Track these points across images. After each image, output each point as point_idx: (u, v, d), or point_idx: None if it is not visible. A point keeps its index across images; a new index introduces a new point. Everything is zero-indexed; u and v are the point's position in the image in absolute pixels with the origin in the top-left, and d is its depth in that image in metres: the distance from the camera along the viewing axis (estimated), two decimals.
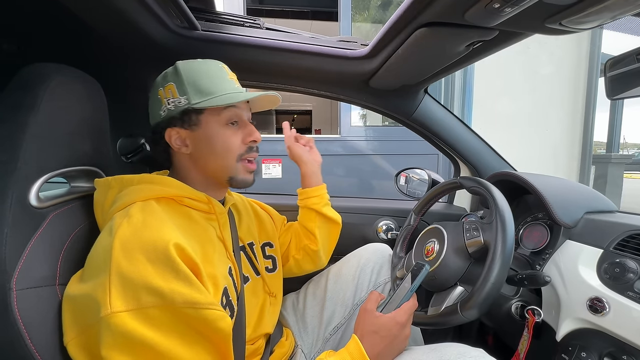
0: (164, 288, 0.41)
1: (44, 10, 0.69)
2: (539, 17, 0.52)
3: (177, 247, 0.44)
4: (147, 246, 0.43)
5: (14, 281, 0.41)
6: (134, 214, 0.47)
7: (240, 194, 0.84)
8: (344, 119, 2.52)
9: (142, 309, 0.41)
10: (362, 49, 0.83)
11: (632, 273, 0.58)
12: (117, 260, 0.42)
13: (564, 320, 0.66)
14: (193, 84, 0.56)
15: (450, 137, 1.05)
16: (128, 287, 0.41)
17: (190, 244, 0.48)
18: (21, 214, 0.45)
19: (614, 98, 0.66)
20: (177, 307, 0.42)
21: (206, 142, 0.58)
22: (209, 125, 0.58)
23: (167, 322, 0.42)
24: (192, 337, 0.44)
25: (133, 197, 0.51)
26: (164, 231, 0.46)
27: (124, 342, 0.40)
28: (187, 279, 0.44)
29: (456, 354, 0.52)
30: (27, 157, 0.46)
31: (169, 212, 0.52)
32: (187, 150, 0.59)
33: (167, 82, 0.57)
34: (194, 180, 0.61)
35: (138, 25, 0.67)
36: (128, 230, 0.45)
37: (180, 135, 0.58)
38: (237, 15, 0.85)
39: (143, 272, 0.42)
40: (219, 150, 0.58)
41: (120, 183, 0.54)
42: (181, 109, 0.56)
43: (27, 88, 0.48)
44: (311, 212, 0.82)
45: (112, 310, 0.40)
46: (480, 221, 0.67)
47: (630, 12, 0.46)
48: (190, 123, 0.57)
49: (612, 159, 3.63)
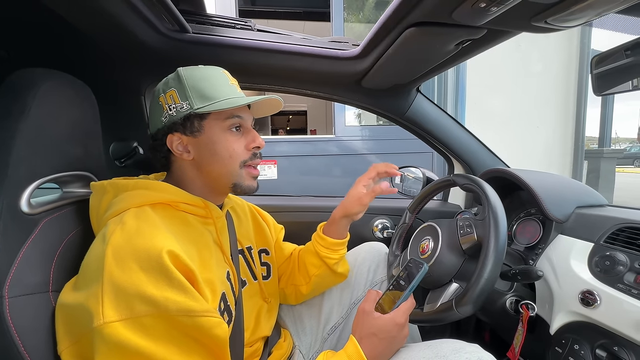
0: (157, 296, 0.41)
1: (33, 15, 0.68)
2: (525, 15, 0.53)
3: (170, 255, 0.44)
4: (140, 254, 0.43)
5: (6, 288, 0.41)
6: (127, 220, 0.47)
7: (240, 198, 0.83)
8: (338, 119, 2.52)
9: (136, 318, 0.40)
10: (353, 49, 0.83)
11: (621, 265, 0.59)
12: (110, 269, 0.42)
13: (557, 313, 0.67)
14: (195, 89, 0.56)
15: (443, 135, 1.06)
16: (121, 296, 0.41)
17: (186, 250, 0.47)
18: (12, 220, 0.44)
19: (601, 94, 0.67)
20: (171, 315, 0.41)
21: (209, 148, 0.57)
22: (212, 130, 0.57)
23: (162, 330, 0.42)
24: (187, 345, 0.44)
25: (128, 203, 0.51)
26: (157, 238, 0.45)
27: (119, 352, 0.40)
28: (181, 286, 0.43)
29: (452, 350, 0.52)
30: (18, 163, 0.46)
31: (164, 218, 0.51)
32: (190, 156, 0.58)
33: (169, 88, 0.56)
34: (194, 185, 0.60)
35: (128, 28, 0.66)
36: (121, 238, 0.44)
37: (182, 141, 0.57)
38: (228, 17, 0.85)
39: (136, 281, 0.41)
40: (222, 156, 0.58)
41: (115, 188, 0.54)
42: (183, 114, 0.55)
43: (17, 93, 0.47)
44: (320, 261, 0.77)
45: (105, 321, 0.39)
46: (473, 218, 0.67)
47: (613, 9, 0.47)
48: (193, 129, 0.57)
49: (604, 153, 3.68)
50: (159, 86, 0.59)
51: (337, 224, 0.75)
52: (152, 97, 0.60)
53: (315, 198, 1.23)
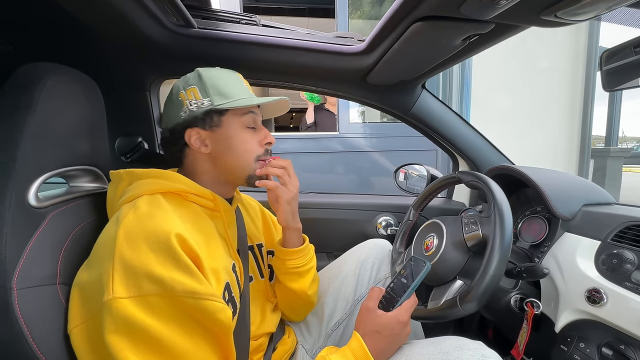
0: (164, 276, 0.42)
1: (40, 9, 0.68)
2: (534, 9, 0.52)
3: (178, 238, 0.45)
4: (150, 235, 0.45)
5: (14, 280, 0.41)
6: (140, 205, 0.49)
7: (252, 198, 0.85)
8: (342, 116, 2.51)
9: (143, 297, 0.42)
10: (358, 44, 0.83)
11: (629, 264, 0.58)
12: (121, 248, 0.43)
13: (563, 311, 0.66)
14: (215, 87, 0.60)
15: (448, 132, 1.05)
16: (130, 275, 0.42)
17: (193, 237, 0.49)
18: (20, 213, 0.45)
19: (611, 90, 0.66)
20: (176, 296, 0.43)
21: (226, 142, 0.61)
22: (230, 125, 0.61)
23: (167, 310, 0.43)
24: (191, 327, 0.45)
25: (141, 190, 0.53)
26: (167, 222, 0.47)
27: (125, 328, 0.41)
28: (187, 269, 0.44)
29: (455, 346, 0.52)
30: (26, 157, 0.46)
31: (175, 206, 0.53)
32: (207, 149, 0.61)
33: (190, 86, 0.60)
34: (206, 177, 0.63)
35: (134, 23, 0.66)
36: (133, 220, 0.46)
37: (200, 136, 0.60)
38: (233, 12, 0.84)
39: (145, 260, 0.43)
40: (238, 150, 0.61)
41: (130, 176, 0.57)
42: (204, 110, 0.59)
43: (24, 88, 0.48)
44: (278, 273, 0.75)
45: (115, 296, 0.41)
46: (479, 215, 0.67)
47: (625, 2, 0.46)
48: (212, 124, 0.60)
49: (610, 152, 3.63)
50: (178, 83, 0.62)
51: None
52: (169, 94, 0.63)
53: (319, 195, 1.23)
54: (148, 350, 0.42)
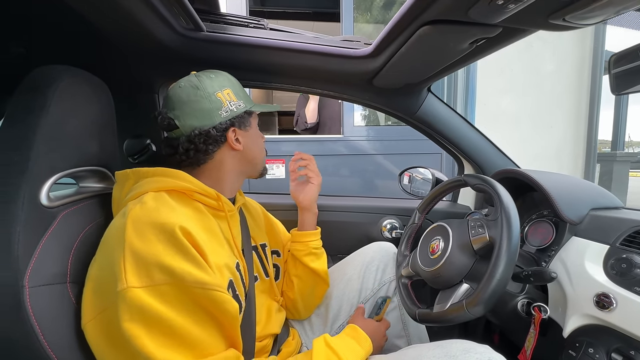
0: (174, 266, 0.44)
1: (52, 13, 0.70)
2: (542, 12, 0.52)
3: (183, 230, 0.46)
4: (156, 226, 0.46)
5: (26, 278, 0.42)
6: (147, 200, 0.50)
7: (253, 200, 0.86)
8: (346, 119, 2.51)
9: (156, 286, 0.43)
10: (365, 48, 0.83)
11: (639, 268, 0.58)
12: (130, 239, 0.45)
13: (571, 316, 0.65)
14: (241, 91, 0.67)
15: (453, 135, 1.05)
16: (141, 265, 0.43)
17: (197, 232, 0.49)
18: (33, 213, 0.46)
19: (619, 94, 0.66)
20: (187, 286, 0.44)
21: (253, 140, 0.69)
22: (253, 125, 0.69)
23: (178, 299, 0.44)
24: (202, 316, 0.46)
25: (147, 187, 0.54)
26: (172, 215, 0.48)
27: (140, 316, 0.42)
28: (195, 260, 0.46)
29: (462, 350, 0.52)
30: (38, 157, 0.47)
31: (179, 204, 0.54)
32: (240, 146, 0.65)
33: (224, 87, 0.63)
34: (233, 173, 0.67)
35: (144, 26, 0.67)
36: (140, 212, 0.48)
37: (236, 134, 0.65)
38: (241, 16, 0.85)
39: (154, 251, 0.44)
40: (260, 147, 0.71)
41: (136, 175, 0.58)
42: (242, 110, 0.65)
43: (38, 90, 0.49)
44: (293, 258, 0.82)
45: (128, 285, 0.42)
46: (485, 218, 0.67)
47: (634, 6, 0.46)
48: (246, 124, 0.67)
49: (617, 157, 3.60)
50: (207, 83, 0.61)
51: (299, 217, 0.85)
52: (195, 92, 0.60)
53: (323, 197, 1.23)
54: (163, 336, 0.43)
